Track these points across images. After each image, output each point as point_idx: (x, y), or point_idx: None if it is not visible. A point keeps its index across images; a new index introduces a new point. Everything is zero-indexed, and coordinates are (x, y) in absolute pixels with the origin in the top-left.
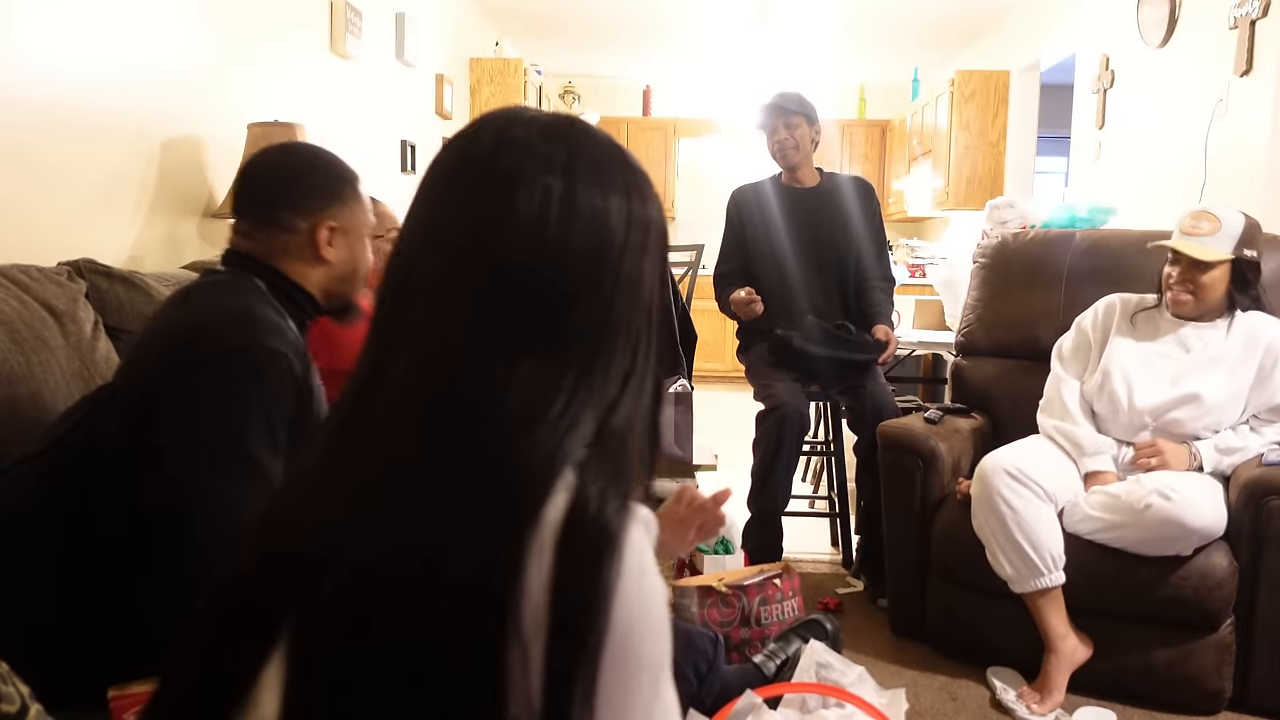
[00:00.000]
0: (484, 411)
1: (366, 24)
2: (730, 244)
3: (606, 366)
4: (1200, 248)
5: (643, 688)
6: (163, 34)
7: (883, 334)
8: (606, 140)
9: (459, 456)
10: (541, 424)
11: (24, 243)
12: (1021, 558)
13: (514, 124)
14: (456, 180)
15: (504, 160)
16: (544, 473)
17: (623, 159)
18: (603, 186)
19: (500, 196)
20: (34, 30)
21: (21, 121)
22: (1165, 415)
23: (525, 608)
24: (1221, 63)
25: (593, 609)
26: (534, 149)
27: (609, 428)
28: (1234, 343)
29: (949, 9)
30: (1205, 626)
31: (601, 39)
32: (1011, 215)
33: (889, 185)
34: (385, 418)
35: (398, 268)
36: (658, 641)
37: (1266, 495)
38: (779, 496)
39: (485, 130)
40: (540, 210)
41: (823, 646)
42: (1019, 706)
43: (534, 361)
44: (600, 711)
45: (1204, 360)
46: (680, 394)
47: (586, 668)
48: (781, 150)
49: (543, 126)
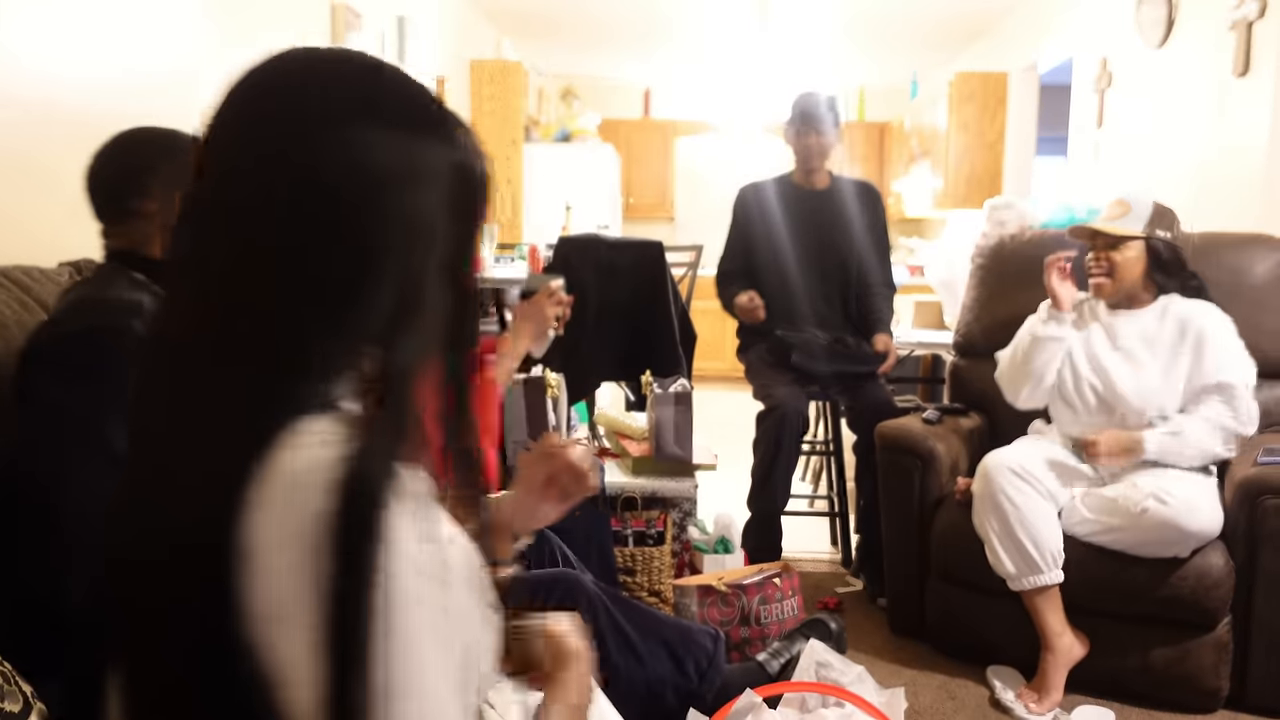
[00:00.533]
0: (225, 358)
1: (367, 26)
2: (735, 242)
3: (368, 302)
4: (1110, 226)
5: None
6: (163, 35)
7: (882, 344)
8: (402, 82)
9: (193, 415)
10: (280, 365)
11: (25, 243)
12: (1022, 554)
13: (313, 59)
14: (241, 111)
15: (290, 95)
16: (267, 417)
17: (421, 102)
18: (383, 123)
19: (274, 132)
20: (34, 31)
21: (22, 122)
22: (1115, 405)
23: (258, 570)
24: (1219, 64)
25: (344, 594)
26: (319, 86)
27: (385, 375)
28: (1166, 328)
29: (948, 10)
30: (1202, 626)
31: (601, 40)
32: (1010, 216)
33: (888, 186)
34: (146, 388)
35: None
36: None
37: (1262, 494)
38: (778, 496)
39: (280, 63)
40: (307, 145)
41: (822, 646)
42: (1017, 705)
43: (291, 301)
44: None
45: (1136, 345)
46: (680, 394)
47: (355, 650)
48: (808, 154)
49: (337, 64)
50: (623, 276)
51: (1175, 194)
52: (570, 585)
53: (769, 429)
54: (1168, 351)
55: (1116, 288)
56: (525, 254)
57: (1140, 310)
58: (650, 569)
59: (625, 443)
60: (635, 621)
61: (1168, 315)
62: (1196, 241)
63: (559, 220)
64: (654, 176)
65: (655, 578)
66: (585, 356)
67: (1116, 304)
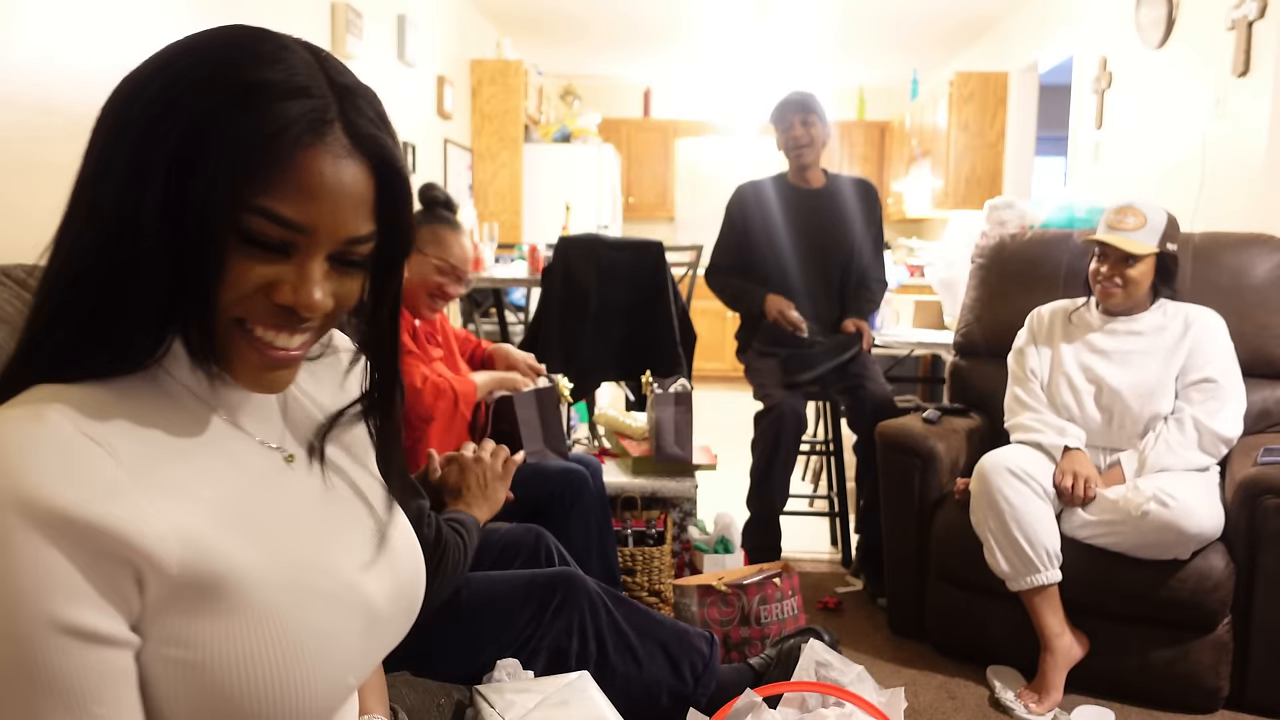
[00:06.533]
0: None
1: (368, 25)
2: (728, 240)
3: (65, 221)
4: (1129, 242)
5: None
6: (163, 34)
7: (852, 327)
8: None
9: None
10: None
11: (25, 242)
12: (1019, 554)
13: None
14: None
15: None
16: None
17: (209, 73)
18: (161, 83)
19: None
20: (33, 31)
21: (22, 122)
22: (1116, 413)
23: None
24: (1219, 64)
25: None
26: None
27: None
28: (1165, 333)
29: (948, 10)
30: (1202, 626)
31: (602, 40)
32: (1010, 216)
33: (888, 186)
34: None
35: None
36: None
37: (1263, 494)
38: (777, 496)
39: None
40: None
41: (822, 645)
42: (1017, 705)
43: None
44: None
45: (1135, 346)
46: (680, 394)
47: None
48: (797, 146)
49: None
50: (623, 276)
51: (1175, 194)
52: (570, 585)
53: (767, 429)
54: (1169, 349)
55: (1126, 299)
56: (525, 254)
57: (1140, 314)
58: (650, 569)
59: (625, 443)
60: (634, 623)
61: (1168, 313)
62: (1197, 241)
63: (559, 220)
64: (654, 176)
65: (655, 578)
66: (585, 357)
67: (1115, 311)
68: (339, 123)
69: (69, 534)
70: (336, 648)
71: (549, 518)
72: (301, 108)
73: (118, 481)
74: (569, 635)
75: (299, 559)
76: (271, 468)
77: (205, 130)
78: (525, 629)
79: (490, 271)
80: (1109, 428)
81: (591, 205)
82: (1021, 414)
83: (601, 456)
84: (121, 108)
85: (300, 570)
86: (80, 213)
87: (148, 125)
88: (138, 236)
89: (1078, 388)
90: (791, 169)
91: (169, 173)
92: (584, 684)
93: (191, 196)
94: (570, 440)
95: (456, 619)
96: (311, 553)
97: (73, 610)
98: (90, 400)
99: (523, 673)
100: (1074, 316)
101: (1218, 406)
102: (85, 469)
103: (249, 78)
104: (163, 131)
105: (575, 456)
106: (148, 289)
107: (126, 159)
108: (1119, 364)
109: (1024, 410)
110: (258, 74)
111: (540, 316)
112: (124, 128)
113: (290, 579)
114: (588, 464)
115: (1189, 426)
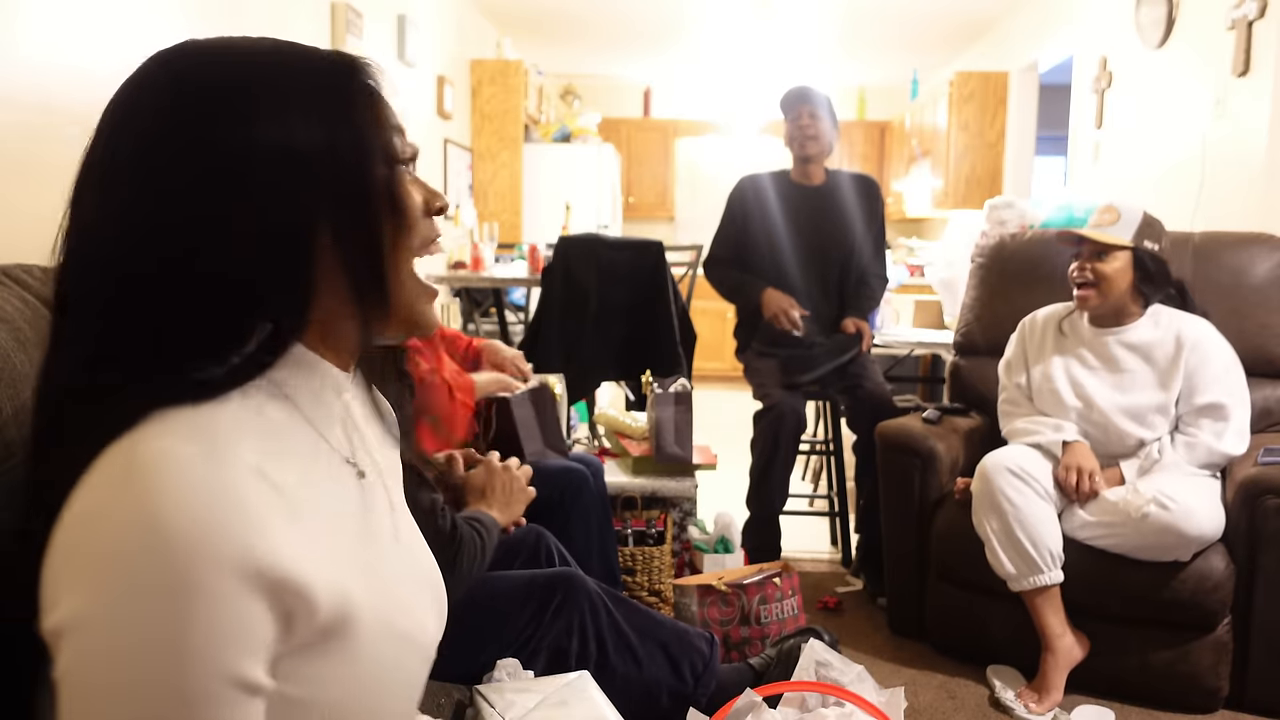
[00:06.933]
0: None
1: (368, 25)
2: (728, 232)
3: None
4: (1100, 234)
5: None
6: (163, 34)
7: (852, 327)
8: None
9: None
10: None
11: (25, 242)
12: (1021, 554)
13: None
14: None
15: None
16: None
17: (216, 85)
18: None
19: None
20: (33, 31)
21: (21, 122)
22: (1104, 431)
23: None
24: (1219, 64)
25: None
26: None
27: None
28: (1163, 338)
29: (948, 10)
30: (1203, 627)
31: (602, 40)
32: (1010, 215)
33: (888, 185)
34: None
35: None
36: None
37: (1263, 495)
38: (777, 495)
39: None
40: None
41: (822, 645)
42: (1017, 705)
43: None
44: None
45: (1128, 362)
46: (680, 394)
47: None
48: (802, 137)
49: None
50: (623, 276)
51: (1175, 194)
52: (570, 585)
53: (766, 428)
54: (1165, 364)
55: (1102, 300)
56: (525, 253)
57: (1131, 325)
58: (650, 569)
59: (625, 443)
60: (634, 623)
61: (1161, 324)
62: (1197, 241)
63: (559, 220)
64: (654, 176)
65: (655, 577)
66: (585, 356)
67: (1104, 321)
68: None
69: (259, 585)
70: (409, 682)
71: (549, 517)
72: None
73: (289, 524)
74: (569, 635)
75: (395, 602)
76: (356, 486)
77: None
78: (525, 629)
79: (490, 271)
80: (1105, 438)
81: (591, 205)
82: (1015, 419)
83: (601, 456)
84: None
85: (395, 614)
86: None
87: (287, 125)
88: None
89: (1066, 404)
90: (794, 163)
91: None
92: (584, 684)
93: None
94: (570, 440)
95: (456, 619)
96: (399, 595)
97: (247, 663)
98: (239, 427)
99: (523, 673)
100: (1065, 325)
101: (1226, 427)
102: (265, 513)
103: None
104: (303, 128)
105: (576, 456)
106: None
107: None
108: (1111, 384)
109: (1017, 415)
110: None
111: (540, 316)
112: (257, 144)
113: (387, 624)
114: (589, 463)
115: (1200, 451)
